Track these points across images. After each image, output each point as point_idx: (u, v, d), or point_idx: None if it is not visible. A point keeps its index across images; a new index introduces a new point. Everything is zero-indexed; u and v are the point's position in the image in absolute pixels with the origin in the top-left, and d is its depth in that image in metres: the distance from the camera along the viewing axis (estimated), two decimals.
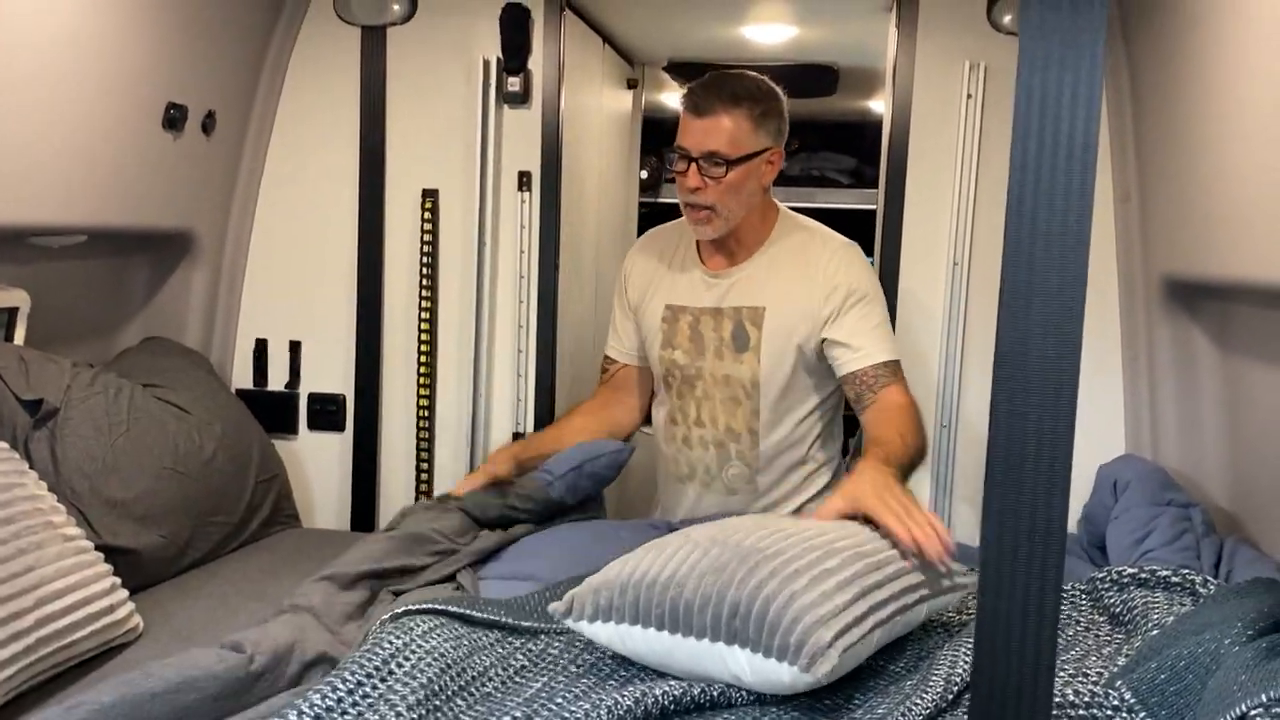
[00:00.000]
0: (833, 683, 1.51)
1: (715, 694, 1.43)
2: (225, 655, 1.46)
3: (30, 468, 1.76)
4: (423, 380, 2.71)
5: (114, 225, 2.26)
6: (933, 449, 2.58)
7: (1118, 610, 1.80)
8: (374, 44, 2.66)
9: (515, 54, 2.61)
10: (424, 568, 1.93)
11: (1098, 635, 1.75)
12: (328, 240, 2.73)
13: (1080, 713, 1.36)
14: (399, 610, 1.57)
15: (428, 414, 2.72)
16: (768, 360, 2.18)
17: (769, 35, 3.29)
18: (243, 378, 2.78)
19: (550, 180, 2.66)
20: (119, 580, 1.72)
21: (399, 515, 2.15)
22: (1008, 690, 0.73)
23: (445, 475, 2.75)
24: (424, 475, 2.74)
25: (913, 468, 1.97)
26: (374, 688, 1.36)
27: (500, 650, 1.56)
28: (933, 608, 1.61)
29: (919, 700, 1.41)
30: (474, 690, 1.45)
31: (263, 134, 2.69)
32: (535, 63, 2.64)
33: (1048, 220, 0.70)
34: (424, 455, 2.73)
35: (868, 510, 1.66)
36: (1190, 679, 1.37)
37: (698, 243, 2.27)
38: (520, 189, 2.66)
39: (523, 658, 1.56)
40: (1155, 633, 1.61)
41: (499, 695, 1.46)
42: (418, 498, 2.74)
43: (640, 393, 2.43)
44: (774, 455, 2.24)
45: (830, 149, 4.69)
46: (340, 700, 1.33)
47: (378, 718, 1.31)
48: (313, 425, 2.79)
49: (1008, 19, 2.46)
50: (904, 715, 1.37)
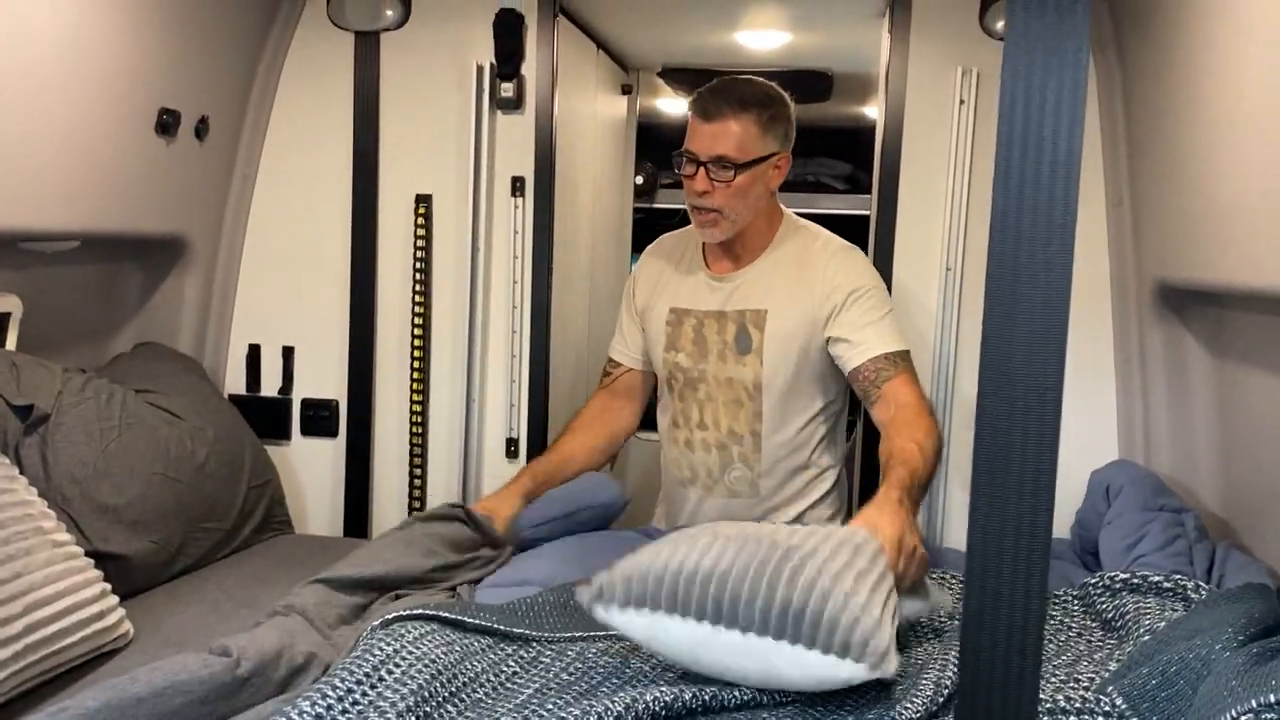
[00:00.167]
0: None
1: (707, 698, 1.43)
2: (211, 660, 1.45)
3: (20, 473, 1.76)
4: (416, 386, 2.70)
5: (107, 230, 2.26)
6: None
7: (1110, 616, 1.80)
8: (367, 49, 2.66)
9: (509, 59, 2.62)
10: (425, 578, 1.93)
11: (1090, 641, 1.75)
12: (321, 246, 2.73)
13: (1072, 718, 1.36)
14: (390, 616, 1.57)
15: (421, 420, 2.71)
16: (770, 363, 2.18)
17: (763, 41, 3.29)
18: (236, 383, 2.78)
19: (544, 186, 2.66)
20: (109, 586, 1.71)
21: (409, 521, 2.14)
22: (993, 696, 0.73)
23: (438, 481, 2.74)
24: (417, 481, 2.73)
25: (931, 477, 1.95)
26: (364, 694, 1.36)
27: (492, 656, 1.56)
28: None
29: (909, 705, 1.42)
30: (465, 696, 1.45)
31: (256, 139, 2.68)
32: (529, 68, 2.63)
33: (1032, 226, 0.70)
34: (417, 461, 2.73)
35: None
36: (1181, 684, 1.37)
37: (703, 247, 2.28)
38: (514, 194, 2.66)
39: (514, 664, 1.55)
40: (1147, 638, 1.61)
41: (490, 701, 1.46)
42: (411, 503, 2.74)
43: (640, 398, 2.43)
44: (776, 459, 2.24)
45: (825, 154, 4.69)
46: (330, 707, 1.33)
47: None
48: (305, 431, 2.78)
49: (1000, 25, 2.46)
50: None
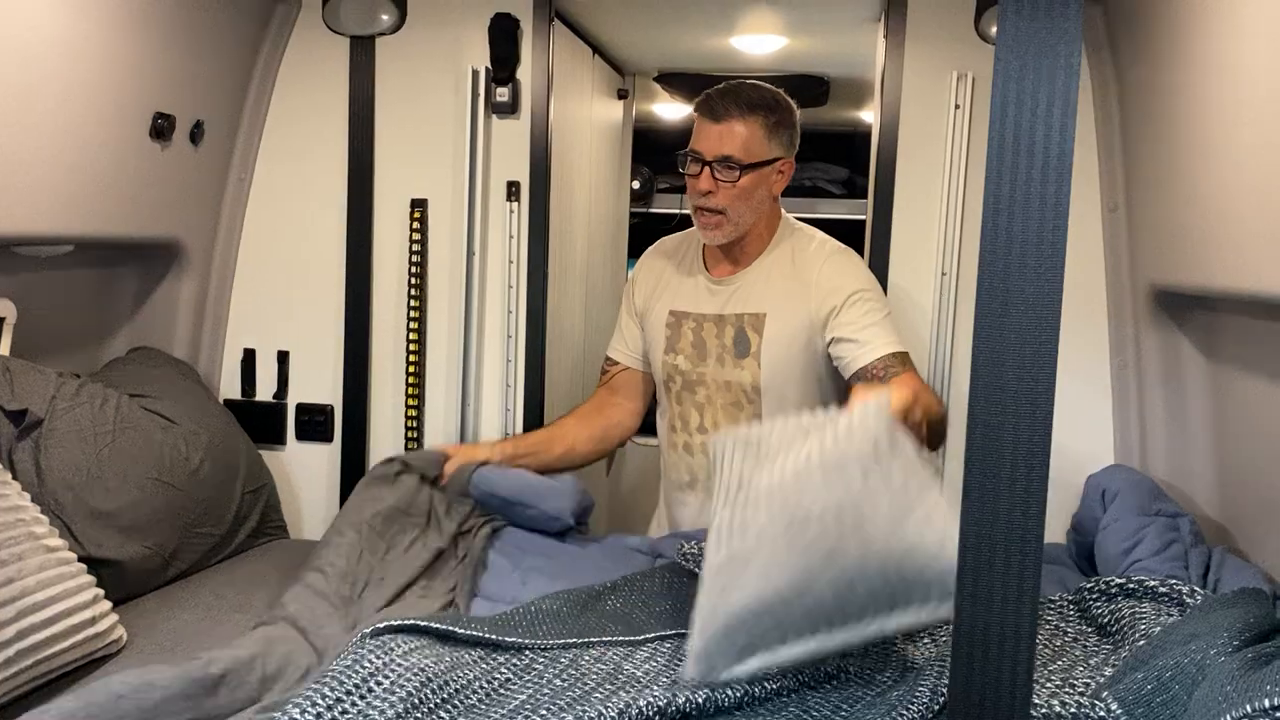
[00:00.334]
0: (820, 692, 1.52)
1: (700, 700, 1.43)
2: (184, 663, 1.50)
3: (14, 478, 1.75)
4: (411, 391, 2.70)
5: (101, 235, 2.25)
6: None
7: (1105, 621, 1.80)
8: (363, 54, 2.66)
9: (504, 64, 2.61)
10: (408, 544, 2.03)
11: (1085, 646, 1.75)
12: (316, 250, 2.72)
13: None
14: (380, 625, 1.56)
15: (416, 424, 2.71)
16: (768, 365, 2.18)
17: (759, 46, 3.29)
18: (230, 388, 2.77)
19: (539, 190, 2.66)
20: (102, 592, 1.71)
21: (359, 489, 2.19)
22: (985, 702, 0.73)
23: None
24: None
25: (930, 422, 1.88)
26: (354, 704, 1.36)
27: (484, 665, 1.56)
28: None
29: (905, 711, 1.41)
30: (457, 703, 1.44)
31: (251, 144, 2.68)
32: (524, 73, 2.63)
33: (1023, 229, 0.70)
34: None
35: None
36: (1176, 689, 1.37)
37: (703, 250, 2.29)
38: (509, 199, 2.66)
39: (507, 671, 1.55)
40: (1142, 643, 1.61)
41: (482, 708, 1.45)
42: None
43: (640, 396, 2.43)
44: None
45: (822, 159, 4.69)
46: (319, 716, 1.32)
47: None
48: (301, 436, 2.78)
49: (995, 30, 2.45)
50: None
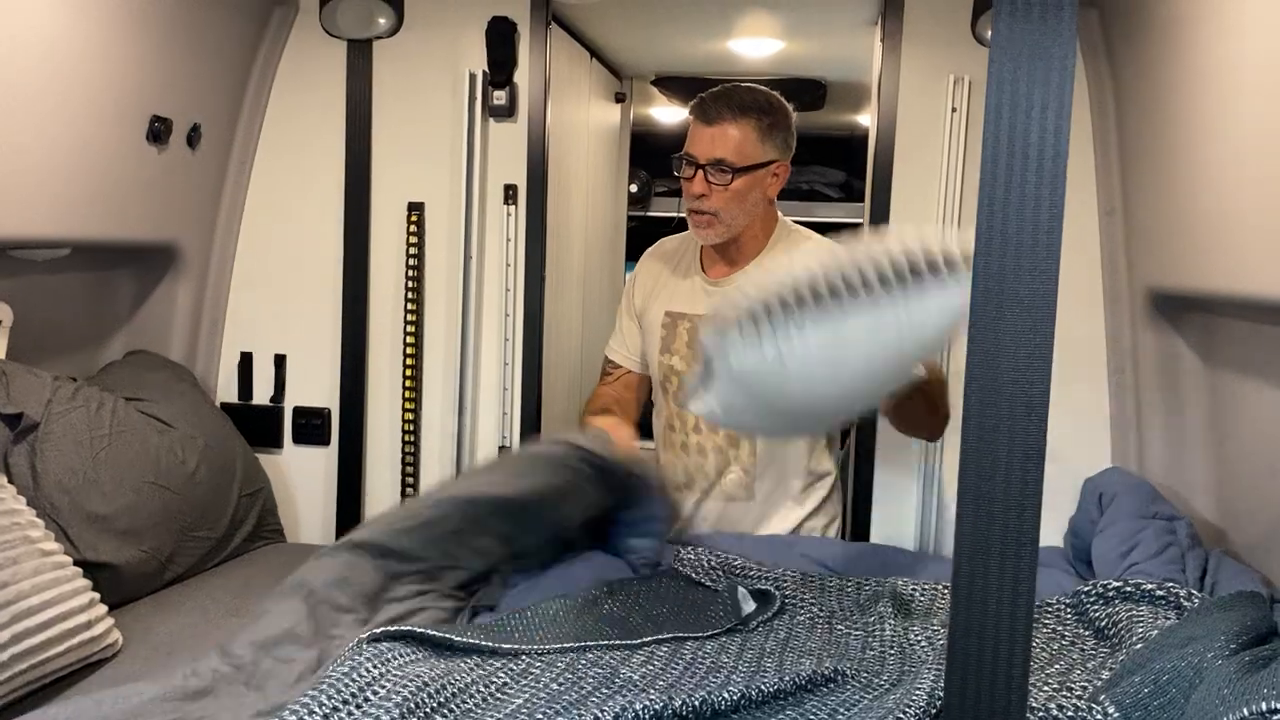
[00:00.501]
0: (818, 696, 1.51)
1: (696, 703, 1.42)
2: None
3: (9, 482, 1.75)
4: (408, 394, 2.69)
5: (98, 238, 2.25)
6: (919, 461, 2.58)
7: (1103, 624, 1.79)
8: (360, 57, 2.66)
9: (501, 67, 2.61)
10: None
11: (1082, 649, 1.75)
12: (313, 253, 2.72)
13: None
14: (377, 631, 1.56)
15: (413, 428, 2.71)
16: None
17: (756, 49, 3.30)
18: (227, 391, 2.77)
19: (536, 194, 2.66)
20: (98, 596, 1.71)
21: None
22: (981, 705, 0.72)
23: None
24: (409, 490, 2.72)
25: (934, 404, 1.99)
26: (349, 713, 1.35)
27: (481, 669, 1.55)
28: None
29: (903, 713, 1.41)
30: (454, 706, 1.44)
31: (248, 147, 2.68)
32: (521, 76, 2.63)
33: (1018, 231, 0.70)
34: (409, 469, 2.72)
35: None
36: (1174, 693, 1.36)
37: (701, 252, 2.29)
38: (506, 202, 2.66)
39: (504, 675, 1.54)
40: (1140, 646, 1.60)
41: (479, 712, 1.45)
42: None
43: (638, 400, 2.42)
44: (772, 461, 2.24)
45: (819, 163, 4.70)
46: None
47: None
48: (298, 439, 2.77)
49: (990, 34, 2.46)
50: None
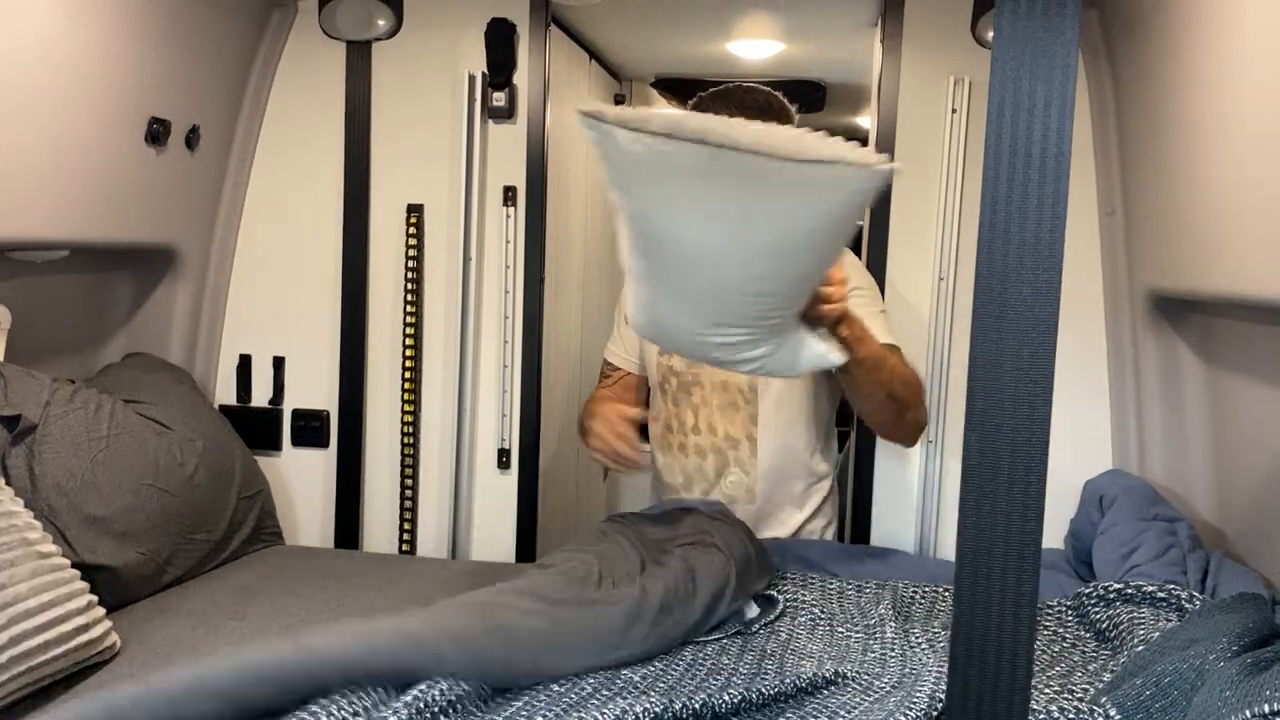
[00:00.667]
0: (819, 698, 1.52)
1: (697, 706, 1.43)
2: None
3: (7, 484, 1.74)
4: (407, 396, 2.69)
5: (96, 240, 2.25)
6: (919, 463, 2.57)
7: (1104, 626, 1.79)
8: (359, 59, 2.65)
9: (500, 69, 2.61)
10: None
11: (1084, 651, 1.75)
12: (312, 255, 2.71)
13: None
14: None
15: (412, 430, 2.70)
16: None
17: (756, 51, 3.30)
18: (226, 393, 2.76)
19: (536, 195, 2.65)
20: (96, 598, 1.70)
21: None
22: (983, 708, 0.72)
23: (430, 492, 2.73)
24: (408, 492, 2.71)
25: (870, 372, 1.95)
26: (355, 716, 1.36)
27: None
28: None
29: (904, 716, 1.41)
30: (457, 709, 1.44)
31: (247, 149, 2.68)
32: (521, 78, 2.63)
33: (1020, 231, 0.69)
34: (408, 472, 2.71)
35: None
36: (1176, 695, 1.36)
37: None
38: (505, 204, 2.65)
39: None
40: (1141, 648, 1.60)
41: (480, 714, 1.45)
42: (402, 514, 2.72)
43: (636, 403, 2.40)
44: (772, 463, 2.24)
45: None
46: None
47: None
48: (296, 441, 2.77)
49: (991, 34, 2.46)
50: None
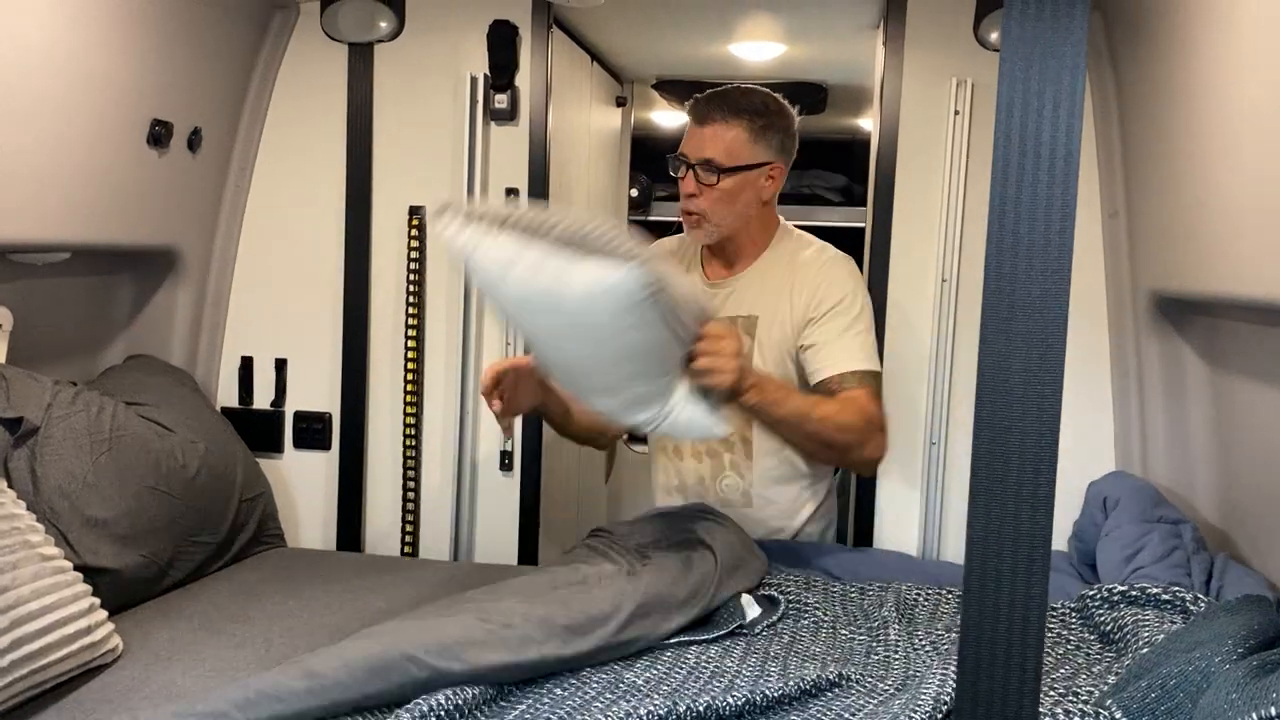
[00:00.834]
0: (823, 700, 1.52)
1: (701, 708, 1.43)
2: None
3: (9, 486, 1.74)
4: (409, 398, 2.69)
5: (98, 242, 2.25)
6: (922, 466, 2.57)
7: (1108, 628, 1.79)
8: (361, 61, 2.65)
9: (502, 71, 2.61)
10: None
11: (1088, 654, 1.74)
12: (314, 257, 2.71)
13: None
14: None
15: (414, 432, 2.70)
16: (762, 369, 2.17)
17: (757, 53, 3.29)
18: (228, 396, 2.76)
19: (538, 197, 2.65)
20: (98, 601, 1.69)
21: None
22: (992, 711, 0.72)
23: (432, 494, 2.72)
24: (410, 494, 2.71)
25: (822, 442, 1.99)
26: None
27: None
28: None
29: (909, 719, 1.40)
30: (462, 714, 1.44)
31: (249, 151, 2.67)
32: (523, 79, 2.63)
33: (1029, 232, 0.69)
34: (410, 474, 2.71)
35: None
36: (1181, 697, 1.36)
37: (702, 253, 2.29)
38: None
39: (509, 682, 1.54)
40: (1146, 651, 1.60)
41: (483, 718, 1.45)
42: (404, 517, 2.71)
43: None
44: (768, 467, 2.23)
45: (820, 167, 4.69)
46: None
47: None
48: (298, 444, 2.76)
49: (994, 36, 2.46)
50: None
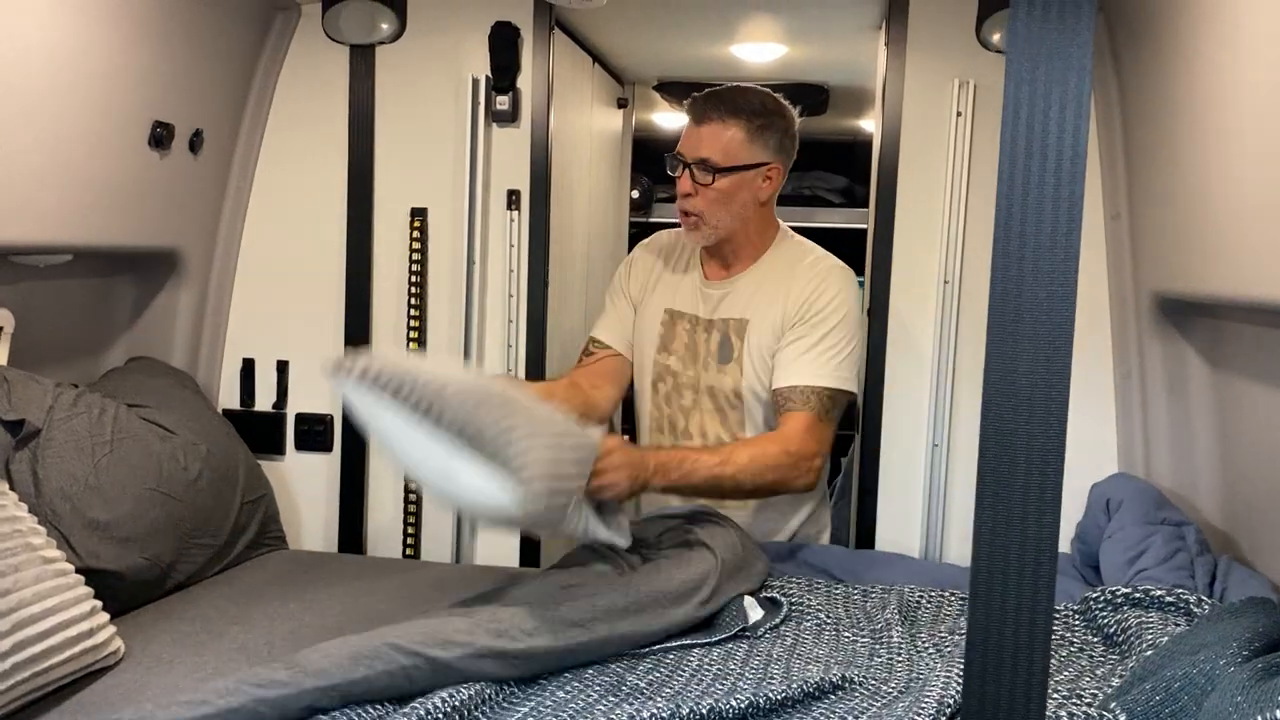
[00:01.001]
0: (826, 703, 1.51)
1: (705, 710, 1.42)
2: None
3: (10, 489, 1.74)
4: None
5: (100, 244, 2.25)
6: (925, 468, 2.57)
7: (1112, 631, 1.78)
8: (363, 62, 2.65)
9: (504, 72, 2.61)
10: None
11: (1091, 656, 1.74)
12: (316, 259, 2.71)
13: None
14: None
15: None
16: (750, 372, 2.18)
17: (759, 54, 3.29)
18: (229, 398, 2.76)
19: (539, 199, 2.65)
20: (99, 603, 1.69)
21: None
22: (999, 713, 0.71)
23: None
24: (412, 496, 2.71)
25: (709, 493, 2.05)
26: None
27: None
28: None
29: None
30: (462, 715, 1.43)
31: (250, 153, 2.67)
32: (524, 81, 2.63)
33: (1036, 233, 0.68)
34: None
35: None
36: (1185, 700, 1.35)
37: (700, 252, 2.28)
38: (509, 208, 2.65)
39: (510, 683, 1.54)
40: (1150, 653, 1.59)
41: None
42: (406, 519, 2.71)
43: (619, 384, 2.36)
44: None
45: (821, 168, 4.69)
46: None
47: None
48: (300, 446, 2.76)
49: (996, 37, 2.46)
50: None
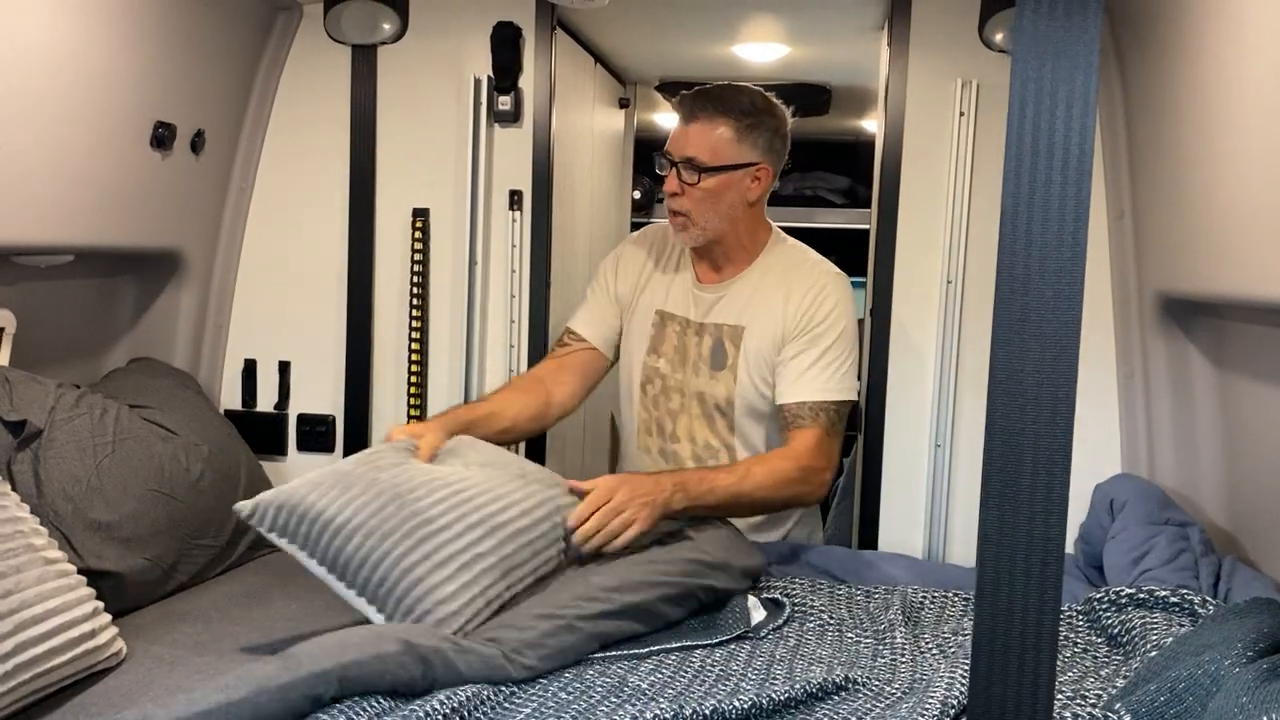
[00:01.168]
0: (830, 704, 1.51)
1: (707, 712, 1.42)
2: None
3: (12, 489, 1.74)
4: (413, 401, 2.68)
5: (101, 245, 2.24)
6: (928, 469, 2.56)
7: (1116, 631, 1.78)
8: (364, 63, 2.65)
9: (506, 72, 2.61)
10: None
11: (1095, 657, 1.73)
12: (317, 260, 2.71)
13: None
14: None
15: None
16: (743, 380, 2.16)
17: (761, 54, 3.29)
18: (231, 398, 2.76)
19: (541, 199, 2.65)
20: (101, 604, 1.69)
21: None
22: (1006, 714, 0.71)
23: None
24: None
25: (753, 506, 2.07)
26: None
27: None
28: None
29: None
30: (463, 716, 1.43)
31: (252, 153, 2.67)
32: (526, 81, 2.63)
33: (1042, 232, 0.68)
34: None
35: (590, 489, 1.84)
36: (1190, 701, 1.35)
37: (690, 253, 2.26)
38: (511, 208, 2.65)
39: (511, 685, 1.54)
40: (1154, 654, 1.59)
41: None
42: None
43: (591, 380, 2.34)
44: None
45: (823, 168, 4.69)
46: None
47: None
48: (302, 446, 2.76)
49: (999, 37, 2.46)
50: None
